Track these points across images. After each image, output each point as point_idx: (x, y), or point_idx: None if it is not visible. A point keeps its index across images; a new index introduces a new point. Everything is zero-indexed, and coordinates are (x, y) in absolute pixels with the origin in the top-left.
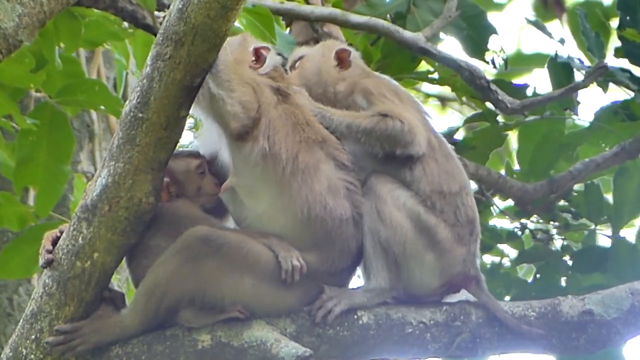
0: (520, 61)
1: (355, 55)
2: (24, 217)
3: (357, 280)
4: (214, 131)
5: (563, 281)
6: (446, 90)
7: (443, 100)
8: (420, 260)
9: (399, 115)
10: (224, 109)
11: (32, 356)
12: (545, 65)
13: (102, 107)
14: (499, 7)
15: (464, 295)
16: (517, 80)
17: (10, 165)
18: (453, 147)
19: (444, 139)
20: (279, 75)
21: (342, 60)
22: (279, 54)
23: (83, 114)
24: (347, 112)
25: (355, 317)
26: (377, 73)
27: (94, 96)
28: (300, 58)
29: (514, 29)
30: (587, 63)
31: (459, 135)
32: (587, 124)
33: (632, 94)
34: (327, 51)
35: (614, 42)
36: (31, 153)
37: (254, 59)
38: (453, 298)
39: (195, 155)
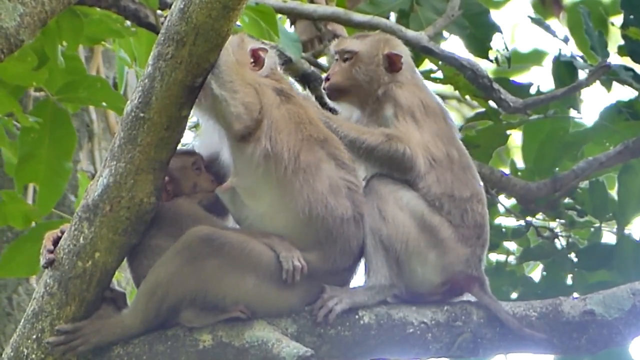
0: (517, 59)
1: (406, 57)
2: (28, 215)
3: (358, 280)
4: (215, 132)
5: (569, 279)
6: (446, 89)
7: (442, 99)
8: (423, 257)
9: (407, 140)
10: (227, 111)
11: (34, 356)
12: (543, 64)
13: (104, 104)
14: (497, 4)
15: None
16: (515, 78)
17: (14, 164)
18: None
19: (466, 152)
20: (277, 76)
21: (393, 63)
22: (280, 53)
23: (82, 113)
24: (354, 125)
25: (357, 317)
26: (421, 81)
27: (96, 93)
28: (354, 54)
29: (508, 26)
30: (587, 61)
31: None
32: (590, 123)
33: (636, 92)
34: (379, 51)
35: (615, 39)
36: (33, 150)
37: (252, 60)
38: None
39: (190, 152)
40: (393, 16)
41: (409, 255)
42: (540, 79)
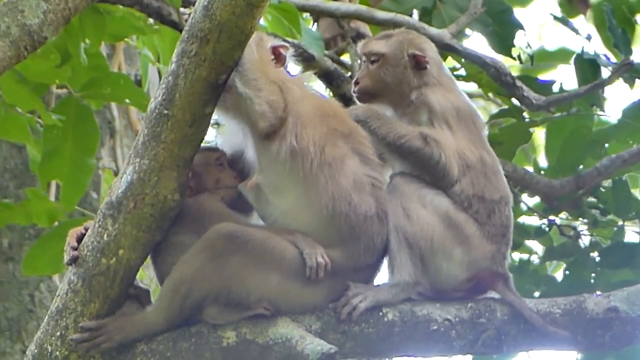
0: (544, 57)
1: (432, 54)
2: (53, 213)
3: (382, 277)
4: (239, 131)
5: (592, 278)
6: (472, 87)
7: (469, 97)
8: (448, 253)
9: (443, 147)
10: (252, 109)
11: (57, 353)
12: (571, 62)
13: (127, 101)
14: (524, 2)
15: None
16: (542, 76)
17: (38, 161)
18: None
19: (495, 156)
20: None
21: (419, 62)
22: (303, 50)
23: (104, 110)
24: (392, 125)
25: (381, 314)
26: (449, 79)
27: (119, 90)
28: (380, 56)
29: (536, 24)
30: (612, 59)
31: None
32: (613, 121)
33: None
34: (404, 52)
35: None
36: (56, 146)
37: (273, 57)
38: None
39: (214, 149)
40: (416, 14)
41: (434, 252)
42: (567, 77)
